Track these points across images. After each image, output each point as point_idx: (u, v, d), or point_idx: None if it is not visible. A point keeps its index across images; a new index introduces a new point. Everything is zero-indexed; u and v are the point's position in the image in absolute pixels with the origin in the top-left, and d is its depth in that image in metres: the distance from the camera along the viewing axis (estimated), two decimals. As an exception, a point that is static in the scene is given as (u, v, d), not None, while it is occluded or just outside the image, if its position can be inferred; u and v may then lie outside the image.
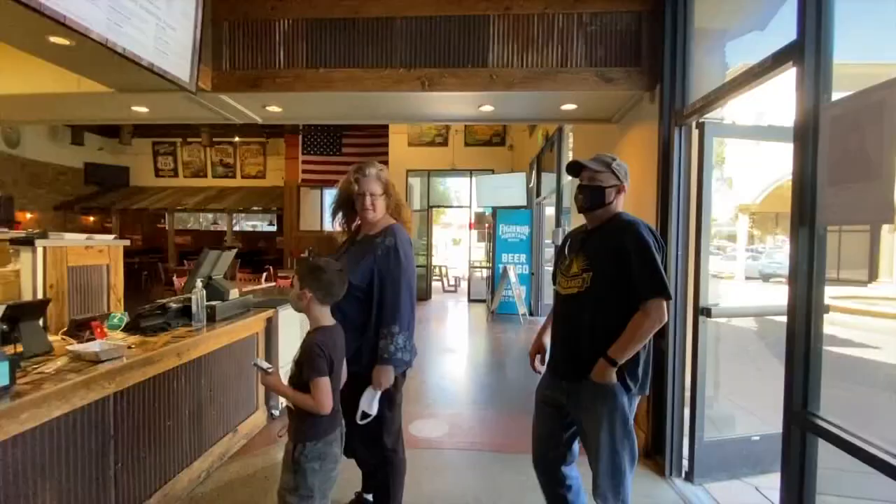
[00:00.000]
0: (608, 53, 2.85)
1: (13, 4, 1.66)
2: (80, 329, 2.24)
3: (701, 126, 2.46)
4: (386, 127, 9.58)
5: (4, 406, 1.42)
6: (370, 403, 1.80)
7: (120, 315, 2.51)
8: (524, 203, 8.38)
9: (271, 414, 3.28)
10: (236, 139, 12.02)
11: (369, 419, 1.81)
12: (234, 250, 3.39)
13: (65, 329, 2.30)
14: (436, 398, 3.92)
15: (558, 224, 6.24)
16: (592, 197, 1.73)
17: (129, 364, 1.94)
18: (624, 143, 3.42)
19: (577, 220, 5.09)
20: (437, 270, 11.90)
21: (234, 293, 3.04)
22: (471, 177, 9.72)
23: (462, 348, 5.96)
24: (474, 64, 2.91)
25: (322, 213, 11.34)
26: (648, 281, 1.57)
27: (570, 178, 5.61)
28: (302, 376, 1.55)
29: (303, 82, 2.94)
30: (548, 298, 7.44)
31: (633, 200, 3.22)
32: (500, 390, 4.23)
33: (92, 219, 11.69)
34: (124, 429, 1.95)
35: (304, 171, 10.84)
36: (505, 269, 7.71)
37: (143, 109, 3.47)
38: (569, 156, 5.63)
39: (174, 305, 2.60)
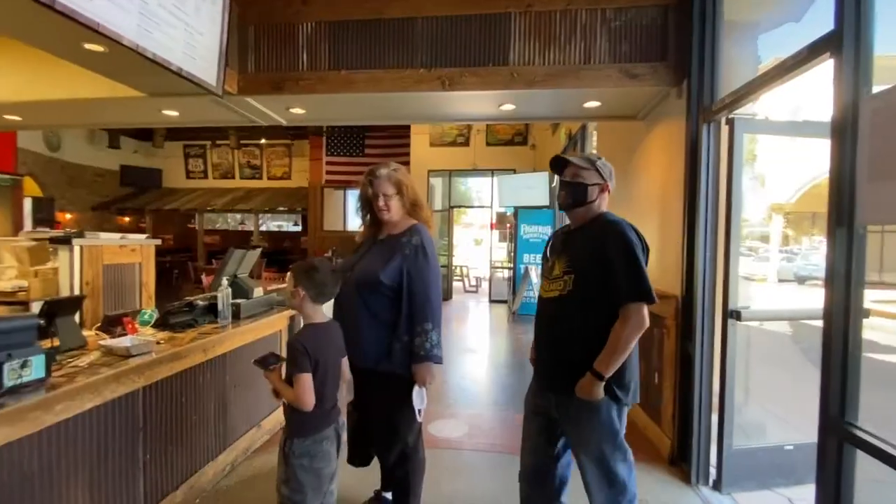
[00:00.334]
0: (633, 49, 2.78)
1: (50, 13, 1.74)
2: (112, 325, 2.33)
3: (731, 122, 2.37)
4: (408, 128, 9.64)
5: (40, 398, 1.49)
6: (421, 400, 1.86)
7: (150, 311, 2.59)
8: (547, 203, 8.28)
9: (294, 410, 3.33)
10: (262, 141, 12.30)
11: (422, 413, 1.88)
12: (259, 250, 3.47)
13: (99, 324, 2.40)
14: (456, 398, 3.91)
15: (581, 224, 6.15)
16: (574, 194, 1.65)
17: (157, 359, 2.00)
18: (650, 141, 3.34)
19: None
20: (458, 271, 11.88)
21: (258, 291, 3.10)
22: (492, 176, 9.68)
23: (483, 349, 5.94)
24: (495, 62, 2.88)
25: (345, 214, 11.50)
26: (629, 284, 1.49)
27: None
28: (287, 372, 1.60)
29: (325, 84, 2.98)
30: (570, 299, 7.33)
31: (659, 200, 3.14)
32: (522, 391, 4.16)
33: (127, 219, 12.17)
34: (152, 422, 2.02)
35: (328, 173, 11.03)
36: (526, 270, 7.63)
37: (174, 113, 3.58)
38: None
39: (201, 303, 2.67)
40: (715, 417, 2.47)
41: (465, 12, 2.89)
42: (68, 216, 10.19)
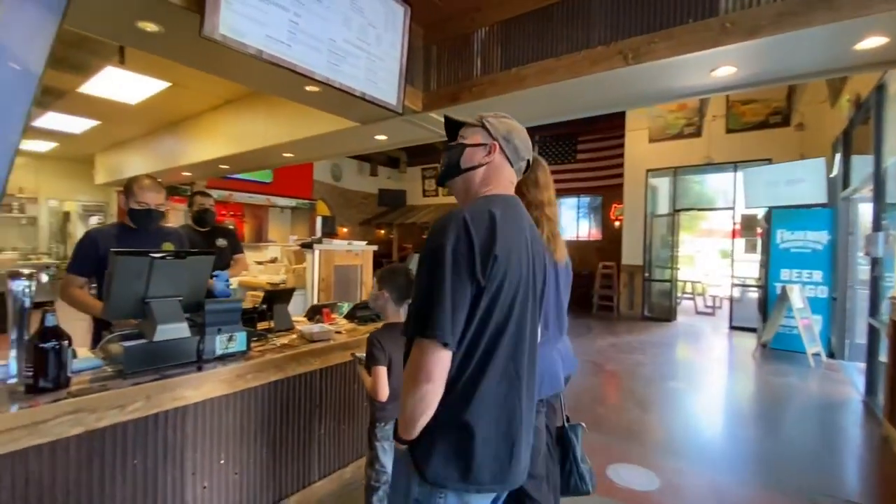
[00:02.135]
0: (950, -66, 1.71)
1: (269, 66, 2.20)
2: (315, 313, 2.81)
3: None
4: (622, 125, 8.75)
5: (238, 366, 1.87)
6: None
7: (346, 305, 3.03)
8: (823, 199, 6.13)
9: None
10: (480, 158, 13.32)
11: None
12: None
13: (306, 312, 2.93)
14: (656, 442, 3.21)
15: (877, 227, 4.24)
16: (447, 160, 1.20)
17: (331, 345, 2.29)
18: None
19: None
20: (686, 287, 10.07)
21: (435, 294, 3.26)
22: (734, 171, 7.78)
23: (711, 388, 4.75)
24: (696, 17, 2.25)
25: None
26: (415, 309, 1.04)
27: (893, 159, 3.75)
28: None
29: (495, 86, 2.93)
30: (859, 335, 5.15)
31: None
32: (757, 455, 3.12)
33: (382, 232, 15.05)
34: (328, 401, 2.31)
35: (540, 182, 10.99)
36: (784, 290, 5.79)
37: (383, 137, 4.17)
38: (893, 126, 3.76)
39: (383, 301, 2.96)
40: None
41: (654, -34, 2.36)
42: (344, 230, 13.29)
